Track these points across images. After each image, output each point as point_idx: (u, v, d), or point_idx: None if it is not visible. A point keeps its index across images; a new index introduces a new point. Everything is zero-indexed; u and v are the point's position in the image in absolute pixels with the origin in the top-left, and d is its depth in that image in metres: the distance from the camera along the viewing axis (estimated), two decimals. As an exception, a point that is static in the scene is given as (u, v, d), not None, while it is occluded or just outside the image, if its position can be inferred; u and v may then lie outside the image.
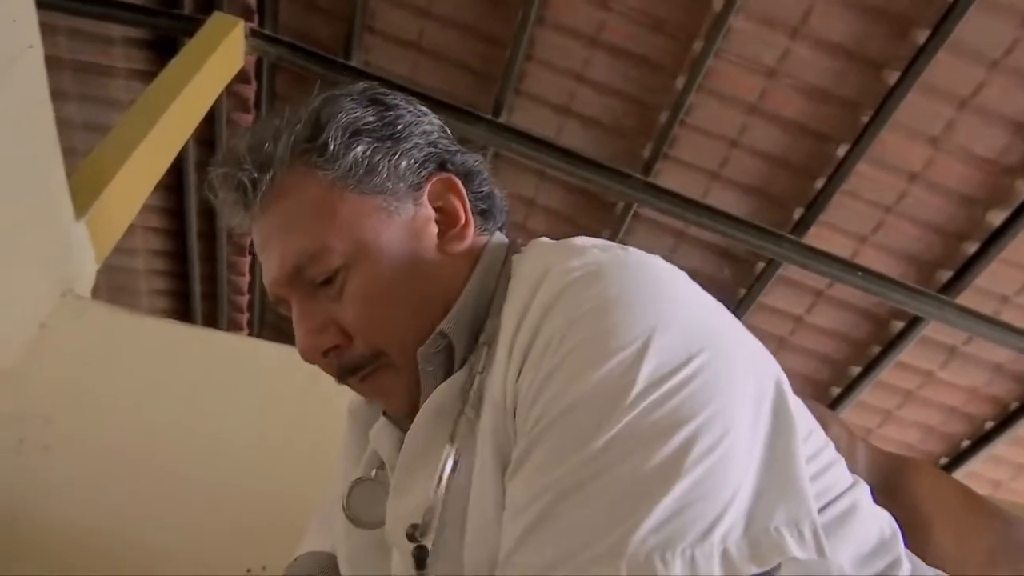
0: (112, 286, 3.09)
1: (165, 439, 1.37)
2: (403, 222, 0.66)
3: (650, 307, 0.54)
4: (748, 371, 0.55)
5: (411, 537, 0.56)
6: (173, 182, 2.86)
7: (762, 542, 0.48)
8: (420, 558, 0.56)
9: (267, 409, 1.44)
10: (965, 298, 2.60)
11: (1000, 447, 3.10)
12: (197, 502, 1.31)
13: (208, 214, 3.01)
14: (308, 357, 0.66)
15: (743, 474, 0.50)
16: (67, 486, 1.29)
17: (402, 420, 0.69)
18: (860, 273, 2.55)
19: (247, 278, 3.31)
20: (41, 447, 1.31)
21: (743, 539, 0.48)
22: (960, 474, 3.18)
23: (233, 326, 3.43)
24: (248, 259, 3.23)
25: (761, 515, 0.49)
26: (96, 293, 1.64)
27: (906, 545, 0.59)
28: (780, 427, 0.53)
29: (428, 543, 0.56)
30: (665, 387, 0.51)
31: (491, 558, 0.53)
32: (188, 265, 3.16)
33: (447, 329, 0.63)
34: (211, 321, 3.38)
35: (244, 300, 3.40)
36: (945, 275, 2.61)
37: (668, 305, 0.55)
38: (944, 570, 0.59)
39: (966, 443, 3.15)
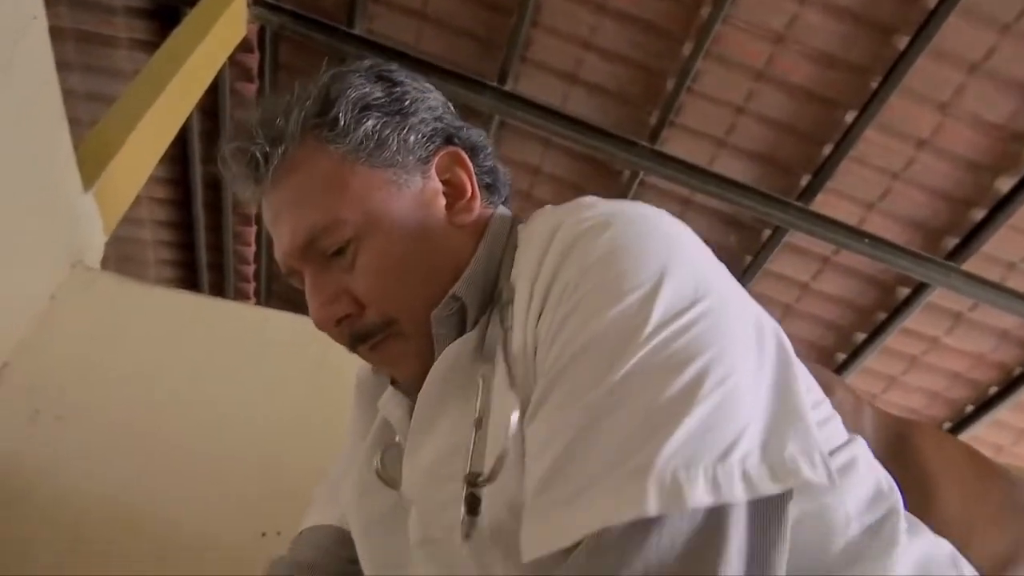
0: (119, 257, 3.10)
1: (177, 408, 1.39)
2: (412, 194, 0.68)
3: (659, 254, 0.57)
4: (749, 318, 0.57)
5: (472, 484, 0.57)
6: (178, 153, 2.86)
7: (778, 466, 0.50)
8: (472, 504, 0.58)
9: (277, 377, 1.46)
10: (971, 265, 2.59)
11: (1003, 412, 3.11)
12: (211, 468, 1.33)
13: (213, 184, 3.01)
14: (322, 326, 0.68)
15: (752, 408, 0.52)
16: (81, 455, 1.31)
17: (410, 388, 0.71)
18: (867, 240, 2.54)
19: (253, 248, 3.31)
20: (55, 417, 1.33)
21: (760, 463, 0.49)
22: (963, 439, 3.20)
23: (240, 296, 3.45)
24: (254, 229, 3.23)
25: (774, 444, 0.50)
26: (104, 264, 1.65)
27: (910, 506, 0.61)
28: (783, 370, 0.55)
29: (482, 492, 0.58)
30: (676, 325, 0.53)
31: (510, 503, 0.55)
32: (194, 235, 3.17)
33: (460, 292, 0.66)
34: (218, 291, 3.40)
35: (250, 270, 3.41)
36: (952, 242, 2.61)
37: (675, 252, 0.57)
38: (950, 529, 0.60)
39: (970, 408, 3.17)
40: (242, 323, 1.55)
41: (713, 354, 0.52)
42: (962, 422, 3.20)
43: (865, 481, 0.60)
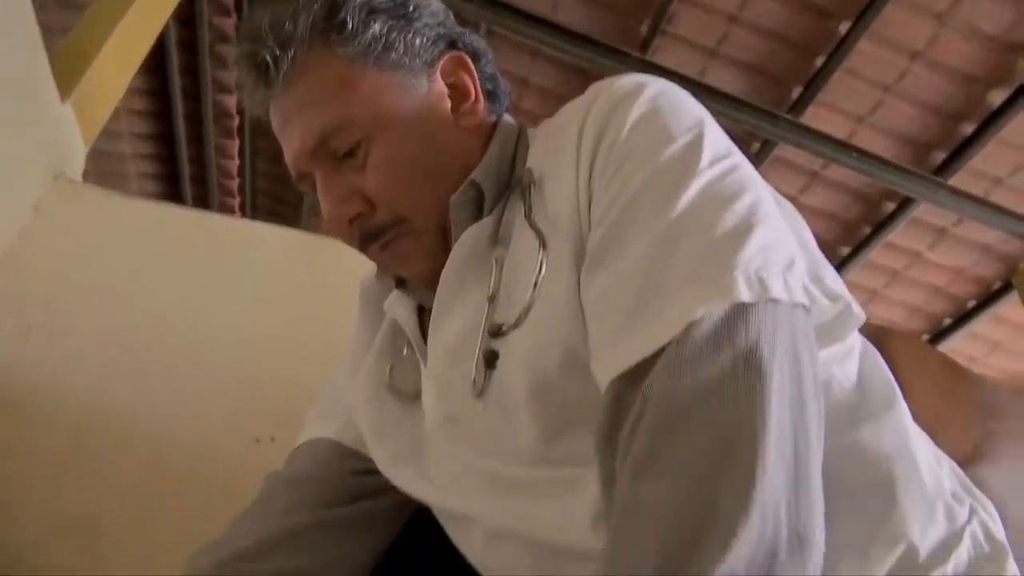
0: (100, 171, 3.05)
1: (168, 320, 1.39)
2: (419, 97, 0.70)
3: (694, 110, 0.63)
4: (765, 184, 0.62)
5: (495, 334, 0.61)
6: (155, 63, 2.77)
7: (827, 291, 0.56)
8: (490, 359, 0.62)
9: (266, 289, 1.47)
10: (958, 180, 2.60)
11: (979, 325, 3.19)
12: (203, 377, 1.35)
13: (193, 96, 2.94)
14: (334, 226, 0.70)
15: (792, 241, 0.57)
16: (75, 367, 1.32)
17: (416, 289, 0.73)
18: (855, 154, 2.54)
19: (236, 161, 3.26)
20: (47, 331, 1.34)
21: (812, 282, 0.55)
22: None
23: (224, 210, 3.42)
24: (237, 142, 3.18)
25: (815, 274, 0.56)
26: (84, 178, 1.63)
27: None
28: (802, 231, 0.62)
29: (499, 347, 0.62)
30: (722, 165, 0.58)
31: (562, 345, 0.58)
32: (175, 148, 3.11)
33: (478, 179, 0.68)
34: (202, 205, 3.37)
35: (234, 184, 3.37)
36: (940, 156, 2.61)
37: (705, 113, 0.63)
38: (922, 429, 0.63)
39: (948, 321, 3.24)
40: (229, 236, 1.54)
41: (757, 193, 0.57)
42: (939, 334, 3.28)
43: (859, 359, 0.64)
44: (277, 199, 3.55)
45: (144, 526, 1.26)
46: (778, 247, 0.54)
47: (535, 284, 0.60)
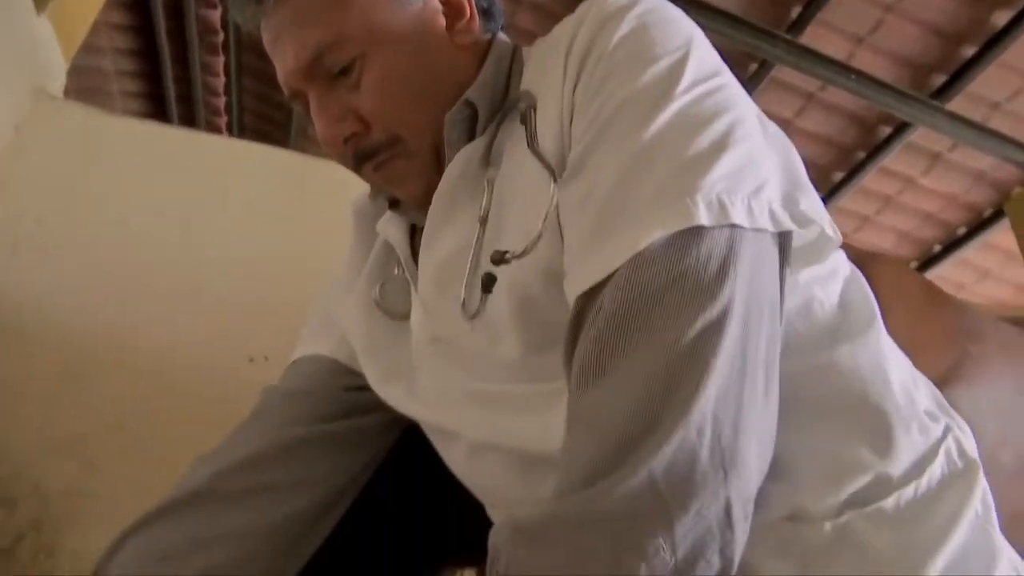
0: (81, 88, 2.97)
1: (158, 240, 1.39)
2: (413, 13, 0.69)
3: (684, 31, 0.62)
4: (753, 107, 0.62)
5: (497, 261, 0.62)
6: (134, -27, 2.67)
7: (797, 214, 0.56)
8: (488, 283, 0.63)
9: (255, 208, 1.46)
10: (956, 104, 2.57)
11: (969, 252, 3.21)
12: (194, 296, 1.36)
13: (176, 12, 2.84)
14: (329, 146, 0.69)
15: (769, 168, 0.57)
16: (66, 288, 1.32)
17: (409, 209, 0.74)
18: (854, 76, 2.49)
19: (222, 79, 3.18)
20: (37, 248, 1.33)
21: (783, 208, 0.56)
22: (927, 277, 3.31)
23: (211, 129, 3.36)
24: (222, 59, 3.09)
25: (790, 198, 0.57)
26: (65, 95, 1.59)
27: None
28: (786, 151, 0.62)
29: (498, 272, 0.63)
30: (704, 87, 0.58)
31: (547, 266, 0.60)
32: (159, 65, 3.03)
33: (472, 97, 0.68)
34: (188, 124, 3.30)
35: (221, 102, 3.30)
36: (939, 79, 2.56)
37: (696, 33, 0.63)
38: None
39: (937, 248, 3.26)
40: (218, 155, 1.52)
41: (737, 115, 0.58)
42: (929, 261, 3.30)
43: (843, 281, 0.65)
44: (265, 119, 3.48)
45: (139, 443, 1.28)
46: (748, 170, 0.55)
47: (545, 216, 0.59)
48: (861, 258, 0.67)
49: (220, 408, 1.09)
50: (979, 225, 3.10)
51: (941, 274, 3.30)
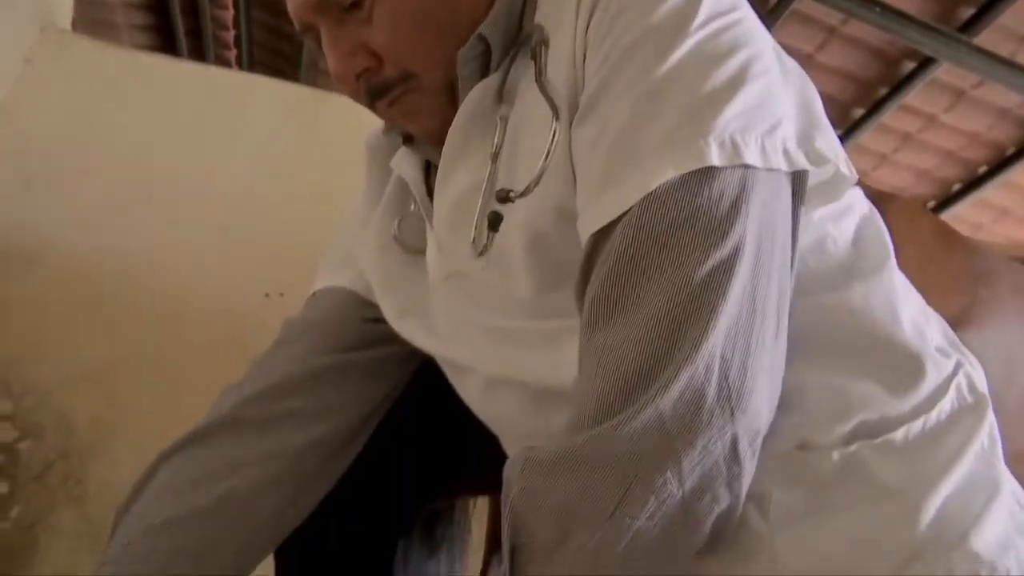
0: (87, 21, 2.93)
1: (171, 173, 1.39)
2: None
3: None
4: (771, 43, 0.62)
5: (502, 200, 0.63)
6: (138, -101, 2.60)
7: (812, 152, 0.56)
8: (495, 221, 0.64)
9: (269, 143, 1.46)
10: (983, 39, 2.49)
11: (989, 191, 3.15)
12: (210, 231, 1.37)
13: (181, -62, 2.77)
14: (341, 81, 0.69)
15: (785, 105, 0.57)
16: (80, 222, 1.34)
17: (423, 145, 0.74)
18: (877, 9, 2.41)
19: (231, 12, 3.13)
20: (49, 183, 1.34)
21: (797, 147, 0.55)
22: (945, 217, 3.27)
23: (221, 63, 3.31)
24: (230, -10, 3.03)
25: (805, 136, 0.57)
26: (73, 28, 1.57)
27: None
28: (804, 88, 0.61)
29: (507, 210, 0.63)
30: (720, 22, 0.58)
31: (559, 204, 0.60)
32: (166, -5, 2.97)
33: (485, 32, 0.67)
34: (198, 58, 3.26)
35: (230, 36, 3.24)
36: (967, 12, 2.48)
37: None
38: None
39: (957, 187, 3.20)
40: (228, 89, 1.51)
41: (753, 51, 0.57)
42: (947, 200, 3.25)
43: (859, 218, 0.65)
44: (275, 52, 3.43)
45: (159, 376, 1.31)
46: (763, 108, 0.54)
47: (547, 154, 0.59)
48: (876, 199, 0.67)
49: (238, 343, 1.11)
50: (1000, 164, 3.04)
51: (959, 213, 3.25)
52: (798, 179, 0.57)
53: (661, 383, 0.47)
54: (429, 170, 0.76)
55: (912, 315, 0.61)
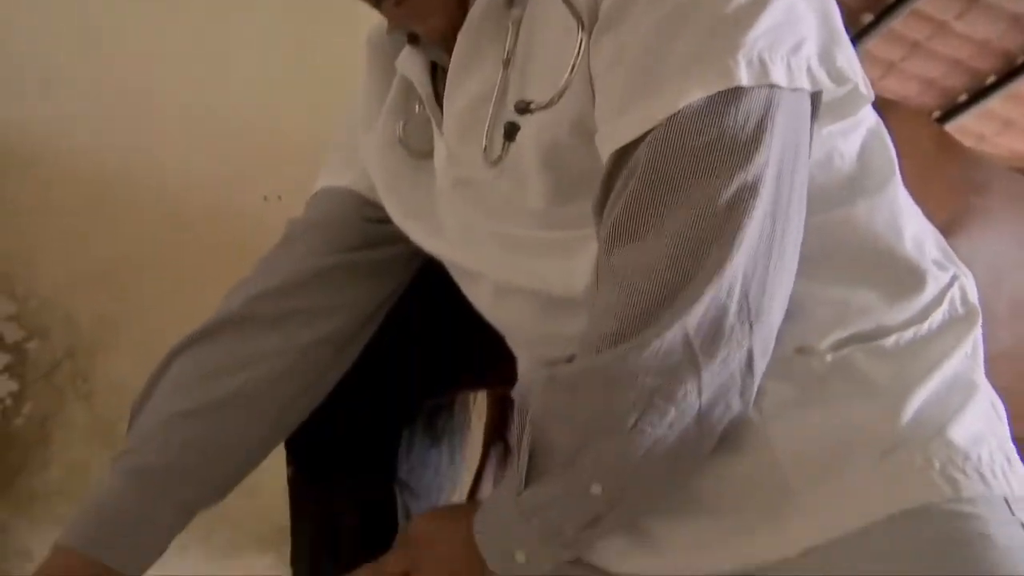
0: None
1: (168, 72, 1.37)
2: None
3: None
4: None
5: (521, 110, 0.62)
6: None
7: (833, 71, 0.57)
8: (511, 131, 0.63)
9: (271, 42, 1.43)
10: (1002, -62, 2.40)
11: (995, 102, 3.10)
12: (208, 132, 1.36)
13: None
14: None
15: (808, 25, 0.57)
16: (82, 122, 1.32)
17: (430, 46, 0.73)
18: (894, -93, 2.31)
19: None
20: (48, 84, 1.31)
21: (820, 65, 0.57)
22: (949, 127, 3.23)
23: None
24: None
25: (827, 54, 0.57)
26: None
27: None
28: (826, 5, 0.61)
29: (525, 121, 0.63)
30: None
31: (576, 116, 0.60)
32: None
33: None
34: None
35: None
36: (987, -90, 2.38)
37: None
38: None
39: (963, 97, 3.15)
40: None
41: None
42: (952, 111, 3.20)
43: (866, 132, 0.66)
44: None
45: (161, 275, 1.33)
46: (788, 25, 0.54)
47: (572, 67, 0.58)
48: (879, 106, 0.67)
49: (238, 245, 1.12)
50: (1009, 74, 2.98)
51: (964, 124, 3.21)
52: (815, 96, 0.57)
53: (686, 301, 0.49)
54: (435, 72, 0.74)
55: (914, 230, 0.63)
